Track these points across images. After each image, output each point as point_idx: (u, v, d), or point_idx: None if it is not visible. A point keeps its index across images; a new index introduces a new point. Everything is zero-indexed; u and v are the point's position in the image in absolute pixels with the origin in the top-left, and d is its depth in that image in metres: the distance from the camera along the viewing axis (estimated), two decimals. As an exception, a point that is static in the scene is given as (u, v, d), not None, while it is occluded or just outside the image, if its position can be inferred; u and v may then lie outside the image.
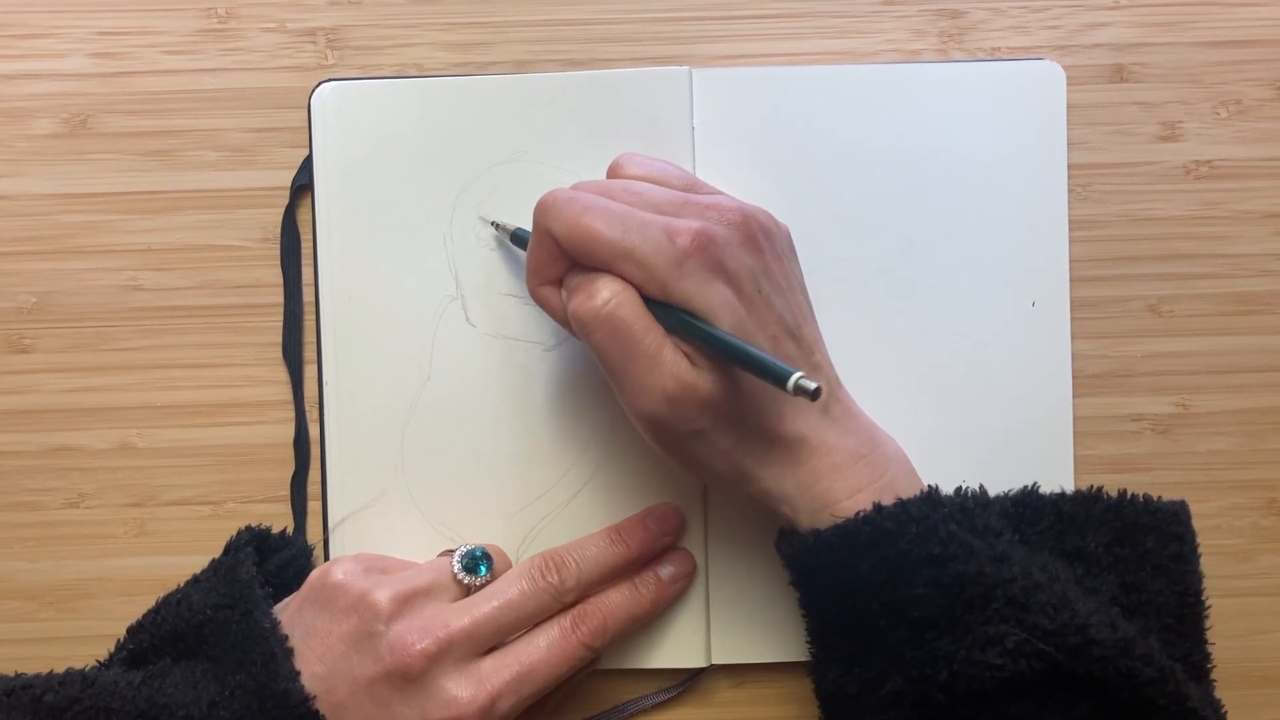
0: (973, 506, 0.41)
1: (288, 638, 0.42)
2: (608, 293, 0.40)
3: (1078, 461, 0.49)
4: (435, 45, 0.49)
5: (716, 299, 0.40)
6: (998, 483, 0.44)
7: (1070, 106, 0.49)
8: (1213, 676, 0.43)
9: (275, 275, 0.49)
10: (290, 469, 0.49)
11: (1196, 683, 0.41)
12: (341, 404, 0.48)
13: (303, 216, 0.49)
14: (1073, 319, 0.49)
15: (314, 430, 0.49)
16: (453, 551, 0.45)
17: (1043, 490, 0.45)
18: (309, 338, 0.49)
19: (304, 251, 0.49)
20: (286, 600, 0.44)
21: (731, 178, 0.47)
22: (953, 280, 0.49)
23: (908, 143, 0.48)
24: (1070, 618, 0.38)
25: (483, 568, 0.44)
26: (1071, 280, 0.49)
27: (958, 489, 0.42)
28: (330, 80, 0.49)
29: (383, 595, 0.42)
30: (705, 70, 0.48)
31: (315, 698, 0.40)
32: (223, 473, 0.49)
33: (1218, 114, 0.50)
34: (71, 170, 0.49)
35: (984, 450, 0.48)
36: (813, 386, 0.36)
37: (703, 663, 0.49)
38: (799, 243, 0.45)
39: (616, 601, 0.45)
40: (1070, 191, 0.49)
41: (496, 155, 0.48)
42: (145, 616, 0.44)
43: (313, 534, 0.49)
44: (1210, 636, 0.44)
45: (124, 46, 0.49)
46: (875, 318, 0.48)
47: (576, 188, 0.42)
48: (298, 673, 0.41)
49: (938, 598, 0.39)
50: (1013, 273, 0.49)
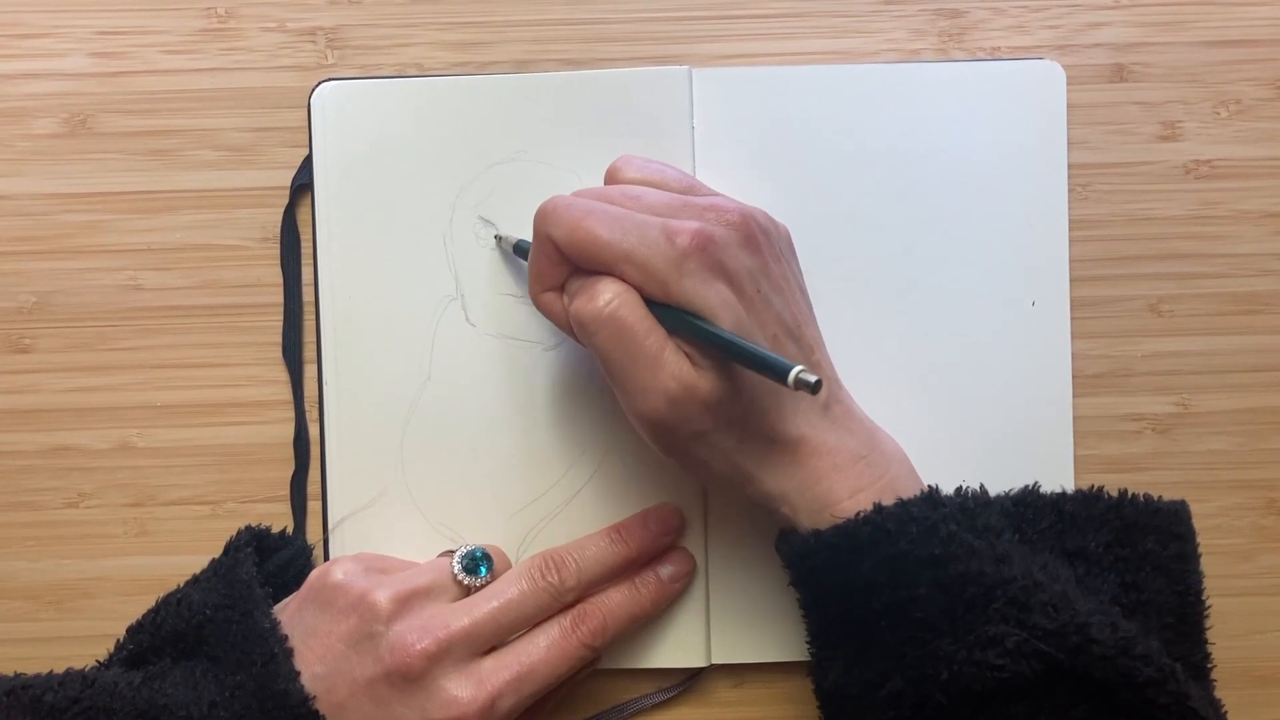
0: (973, 506, 0.41)
1: (288, 638, 0.42)
2: (609, 294, 0.40)
3: (1078, 461, 0.49)
4: (435, 45, 0.49)
5: (716, 299, 0.40)
6: (998, 483, 0.44)
7: (1070, 106, 0.49)
8: (1213, 676, 0.43)
9: (275, 275, 0.49)
10: (290, 469, 0.49)
11: (1196, 682, 0.41)
12: (341, 404, 0.48)
13: (302, 216, 0.49)
14: (1073, 319, 0.49)
15: (314, 430, 0.49)
16: (453, 552, 0.45)
17: (1043, 490, 0.45)
18: (309, 337, 0.49)
19: (304, 251, 0.49)
20: (286, 600, 0.44)
21: (731, 177, 0.47)
22: (953, 280, 0.49)
23: (908, 143, 0.48)
24: (1071, 617, 0.38)
25: (483, 568, 0.44)
26: (1071, 280, 0.49)
27: (958, 489, 0.42)
28: (330, 80, 0.49)
29: (383, 595, 0.42)
30: (705, 70, 0.48)
31: (315, 698, 0.40)
32: (222, 473, 0.49)
33: (1218, 114, 0.50)
34: (71, 170, 0.49)
35: (984, 450, 0.48)
36: (813, 380, 0.36)
37: (703, 663, 0.49)
38: (799, 243, 0.45)
39: (617, 601, 0.45)
40: (1070, 191, 0.49)
41: (496, 155, 0.48)
42: (145, 616, 0.44)
43: (312, 534, 0.49)
44: (1210, 636, 0.44)
45: (124, 46, 0.49)
46: (875, 318, 0.48)
47: (576, 194, 0.42)
48: (298, 673, 0.41)
49: (938, 598, 0.39)
50: (1013, 273, 0.49)
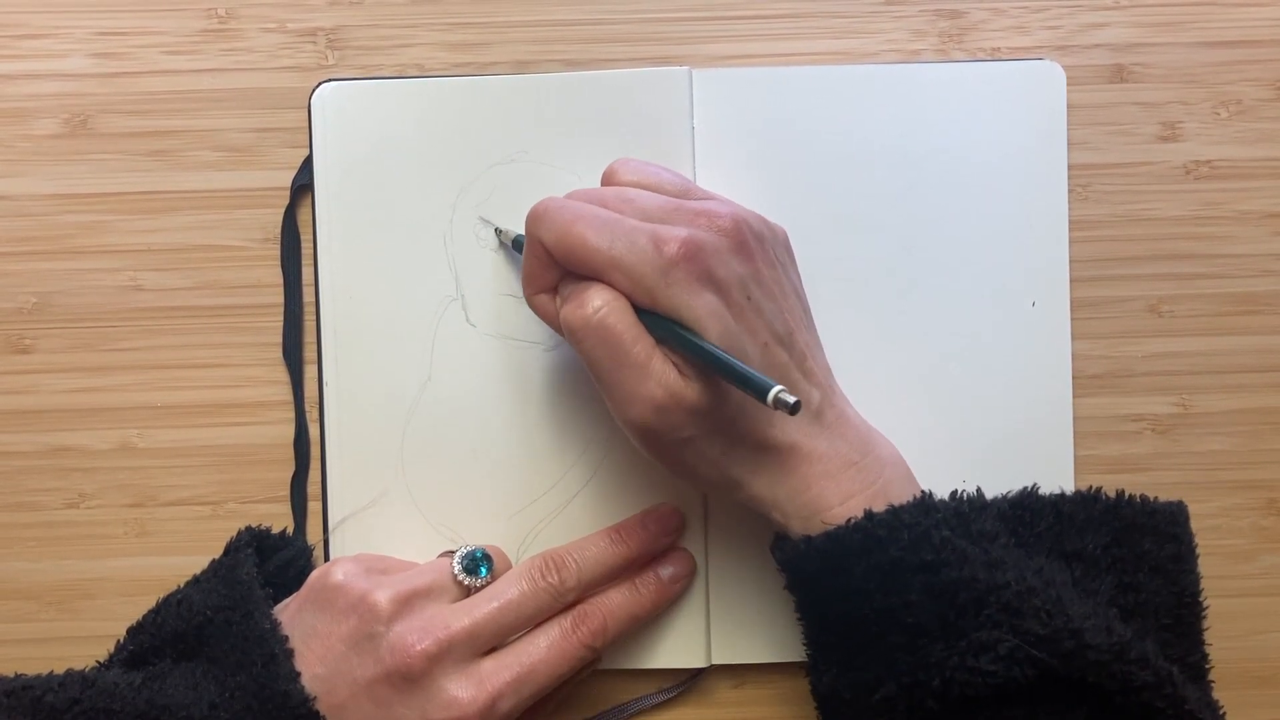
0: (968, 511, 0.41)
1: (288, 639, 0.42)
2: (598, 301, 0.40)
3: (1078, 462, 0.49)
4: (435, 45, 0.49)
5: (703, 308, 0.39)
6: (997, 483, 0.44)
7: (1070, 106, 0.49)
8: (1211, 677, 0.43)
9: (275, 275, 0.49)
10: (290, 469, 0.49)
11: (1194, 684, 0.41)
12: (341, 404, 0.48)
13: (303, 216, 0.49)
14: (1073, 319, 0.49)
15: (314, 430, 0.49)
16: (453, 552, 0.45)
17: (1041, 491, 0.45)
18: (309, 338, 0.49)
19: (304, 251, 0.49)
20: (287, 601, 0.44)
21: (731, 178, 0.47)
22: (953, 280, 0.49)
23: (908, 143, 0.48)
24: (1064, 623, 0.38)
25: (483, 568, 0.44)
26: (1071, 280, 0.49)
27: (953, 493, 0.42)
28: (330, 80, 0.49)
29: (383, 596, 0.42)
30: (705, 70, 0.48)
31: (316, 699, 0.40)
32: (223, 473, 0.49)
33: (1218, 114, 0.50)
34: (71, 170, 0.49)
35: (983, 450, 0.48)
36: (791, 401, 0.36)
37: (703, 663, 0.49)
38: (798, 243, 0.45)
39: (617, 602, 0.45)
40: (1070, 191, 0.49)
41: (496, 155, 0.48)
42: (145, 617, 0.44)
43: (313, 534, 0.49)
44: (1210, 636, 0.43)
45: (124, 46, 0.49)
46: (875, 318, 0.48)
47: (570, 196, 0.42)
48: (298, 674, 0.41)
49: (930, 604, 0.39)
50: (1013, 273, 0.49)
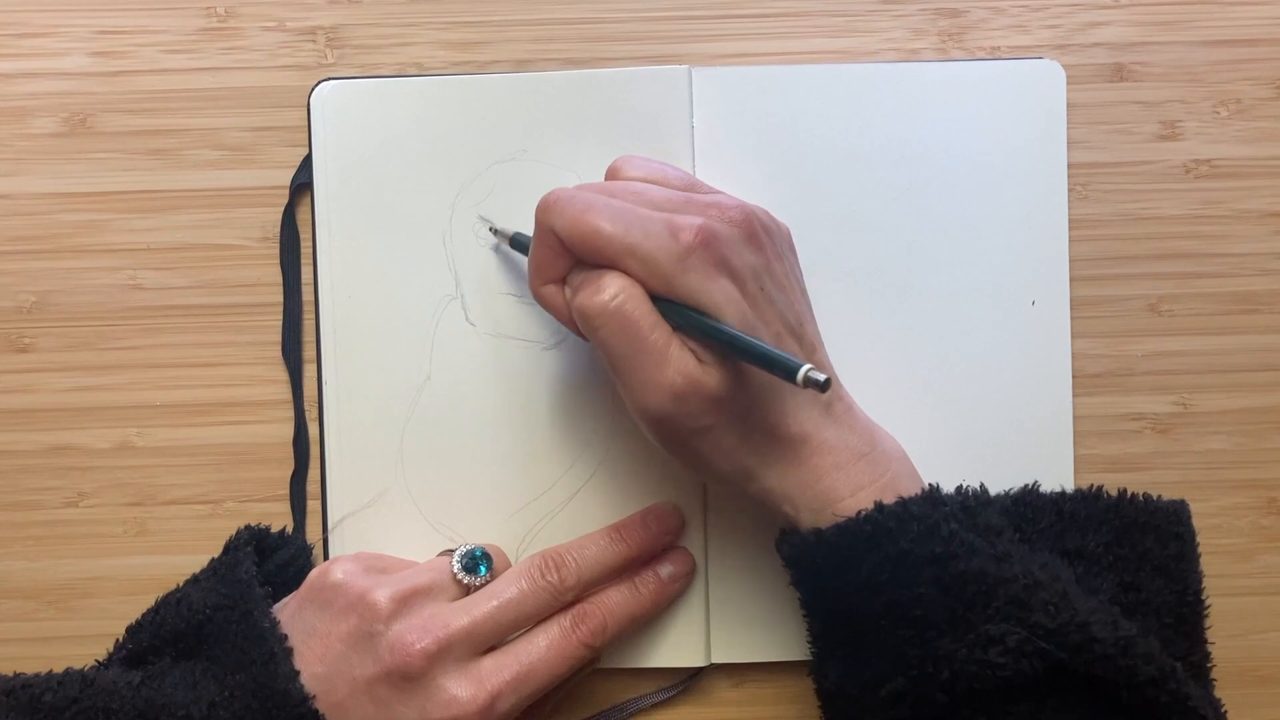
0: (974, 505, 0.41)
1: (287, 637, 0.42)
2: (615, 288, 0.39)
3: (1078, 461, 0.49)
4: (435, 44, 0.49)
5: (720, 295, 0.39)
6: (998, 482, 0.44)
7: (1070, 106, 0.49)
8: (1212, 676, 0.43)
9: (275, 274, 0.49)
10: (290, 468, 0.49)
11: (1196, 682, 0.41)
12: (341, 403, 0.48)
13: (302, 216, 0.49)
14: (1072, 318, 0.49)
15: (313, 430, 0.49)
16: (452, 551, 0.45)
17: (1043, 489, 0.45)
18: (309, 337, 0.49)
19: (304, 251, 0.49)
20: (286, 600, 0.44)
21: (731, 177, 0.47)
22: (953, 280, 0.49)
23: (907, 142, 0.48)
24: (1071, 616, 0.38)
25: (482, 567, 0.44)
26: (1071, 280, 0.49)
27: (959, 488, 0.42)
28: (330, 79, 0.49)
29: (382, 595, 0.42)
30: (705, 70, 0.48)
31: (315, 697, 0.40)
32: (222, 472, 0.49)
33: (1217, 113, 0.50)
34: (71, 170, 0.49)
35: (984, 450, 0.48)
36: (822, 378, 0.36)
37: (702, 662, 0.49)
38: (799, 242, 0.45)
39: (616, 601, 0.45)
40: (1070, 191, 0.49)
41: (496, 154, 0.48)
42: (144, 616, 0.44)
43: (312, 533, 0.49)
44: (1210, 636, 0.44)
45: (124, 46, 0.49)
46: (875, 318, 0.48)
47: (579, 188, 0.42)
48: (297, 672, 0.41)
49: (939, 597, 0.39)
50: (1012, 272, 0.49)
